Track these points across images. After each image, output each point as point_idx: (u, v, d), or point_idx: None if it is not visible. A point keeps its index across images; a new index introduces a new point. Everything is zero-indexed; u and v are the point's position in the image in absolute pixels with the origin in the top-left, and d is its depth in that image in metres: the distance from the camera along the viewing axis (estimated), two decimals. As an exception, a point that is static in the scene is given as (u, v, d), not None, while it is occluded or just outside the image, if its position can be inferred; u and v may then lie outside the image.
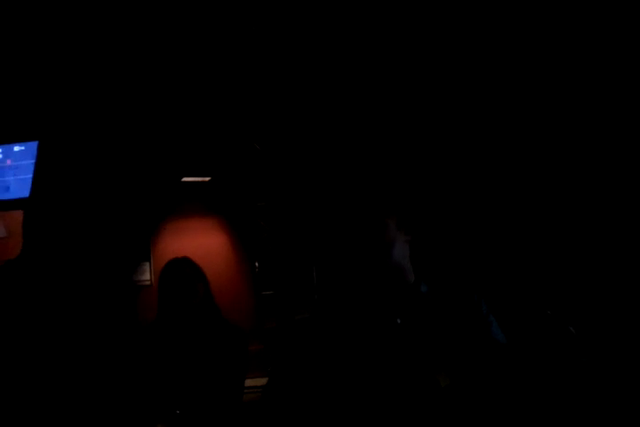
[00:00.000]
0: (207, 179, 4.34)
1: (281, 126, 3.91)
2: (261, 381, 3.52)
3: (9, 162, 3.04)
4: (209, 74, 3.27)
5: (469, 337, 1.35)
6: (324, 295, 1.47)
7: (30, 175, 0.93)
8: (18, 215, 0.98)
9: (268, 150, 4.16)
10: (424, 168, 3.36)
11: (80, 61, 2.83)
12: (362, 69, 3.26)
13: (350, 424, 1.26)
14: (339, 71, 3.31)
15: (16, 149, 3.02)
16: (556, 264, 2.83)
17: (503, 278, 2.94)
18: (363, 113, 3.60)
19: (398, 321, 1.33)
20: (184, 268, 2.48)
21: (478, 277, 3.02)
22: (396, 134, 3.57)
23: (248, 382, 2.50)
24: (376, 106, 3.54)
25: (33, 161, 0.94)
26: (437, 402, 1.28)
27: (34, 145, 2.78)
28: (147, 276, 4.14)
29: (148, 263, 4.13)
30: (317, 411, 1.28)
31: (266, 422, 1.34)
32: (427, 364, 1.30)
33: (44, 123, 0.96)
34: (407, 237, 1.41)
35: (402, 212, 1.41)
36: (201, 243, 4.36)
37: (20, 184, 2.97)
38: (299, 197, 4.24)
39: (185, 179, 4.08)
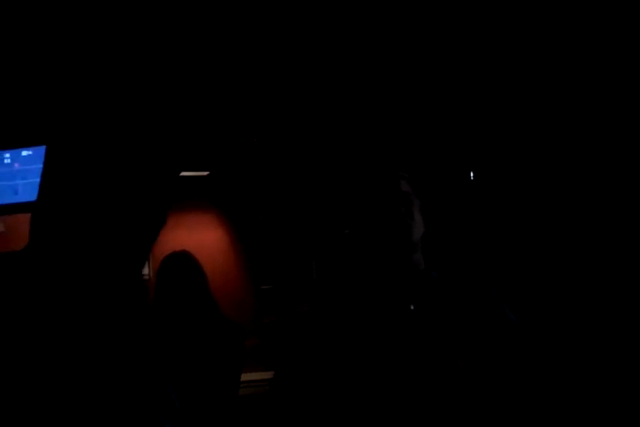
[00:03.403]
0: (205, 173, 4.33)
1: (280, 120, 3.90)
2: (257, 375, 3.52)
3: (17, 166, 3.17)
4: (207, 68, 3.26)
5: (485, 321, 1.36)
6: (333, 285, 1.47)
7: (38, 179, 0.94)
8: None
9: (266, 144, 4.15)
10: (424, 159, 3.35)
11: (83, 64, 2.85)
12: (358, 62, 3.25)
13: (368, 413, 1.26)
14: (336, 65, 3.30)
15: (24, 153, 3.18)
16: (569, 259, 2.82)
17: (513, 267, 2.94)
18: (361, 108, 3.59)
19: (412, 307, 1.33)
20: (183, 262, 2.48)
21: (488, 264, 3.02)
22: (395, 128, 3.56)
23: (244, 377, 2.50)
24: (375, 101, 3.53)
25: (40, 165, 0.95)
26: (456, 389, 1.27)
27: (41, 149, 2.91)
28: (145, 270, 4.15)
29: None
30: (331, 402, 1.28)
31: (275, 416, 1.34)
32: (444, 350, 1.30)
33: (51, 128, 0.97)
34: (421, 223, 1.41)
35: (412, 200, 1.40)
36: (199, 237, 4.36)
37: (28, 188, 3.12)
38: (298, 192, 4.23)
39: (183, 173, 4.07)
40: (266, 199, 4.44)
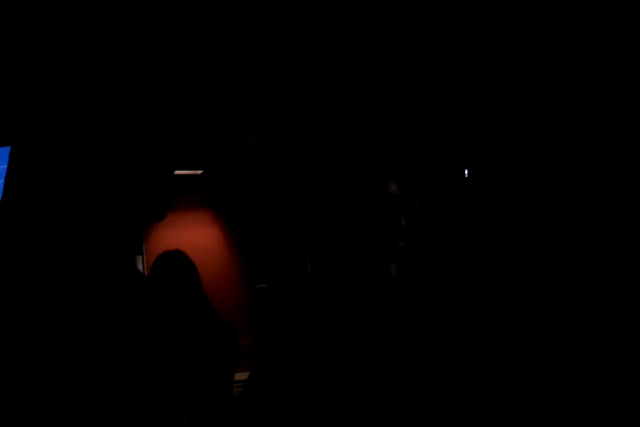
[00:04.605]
0: (199, 172, 4.32)
1: (274, 119, 3.89)
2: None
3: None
4: (201, 66, 3.25)
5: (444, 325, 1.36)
6: (314, 290, 1.46)
7: (2, 180, 0.91)
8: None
9: (261, 143, 4.14)
10: (413, 161, 3.34)
11: (52, 62, 2.81)
12: (352, 61, 3.24)
13: (354, 412, 1.26)
14: (331, 64, 3.29)
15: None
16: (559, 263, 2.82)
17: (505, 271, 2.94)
18: (356, 107, 3.58)
19: (384, 316, 1.33)
20: (177, 261, 2.47)
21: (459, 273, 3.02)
22: (390, 128, 3.55)
23: (239, 376, 2.50)
24: (369, 99, 3.53)
25: (5, 166, 0.93)
26: (429, 395, 1.28)
27: (6, 150, 2.88)
28: (139, 269, 4.13)
29: (140, 257, 4.12)
30: (302, 405, 1.27)
31: (249, 416, 1.34)
32: (417, 358, 1.30)
33: (16, 128, 0.95)
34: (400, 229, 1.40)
35: (394, 206, 1.40)
36: (193, 236, 4.34)
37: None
38: (293, 191, 4.22)
39: (177, 172, 4.05)
40: (260, 198, 4.43)
